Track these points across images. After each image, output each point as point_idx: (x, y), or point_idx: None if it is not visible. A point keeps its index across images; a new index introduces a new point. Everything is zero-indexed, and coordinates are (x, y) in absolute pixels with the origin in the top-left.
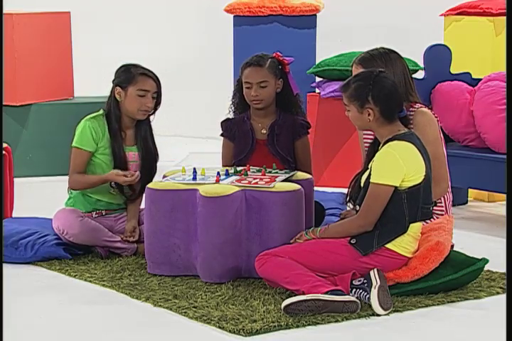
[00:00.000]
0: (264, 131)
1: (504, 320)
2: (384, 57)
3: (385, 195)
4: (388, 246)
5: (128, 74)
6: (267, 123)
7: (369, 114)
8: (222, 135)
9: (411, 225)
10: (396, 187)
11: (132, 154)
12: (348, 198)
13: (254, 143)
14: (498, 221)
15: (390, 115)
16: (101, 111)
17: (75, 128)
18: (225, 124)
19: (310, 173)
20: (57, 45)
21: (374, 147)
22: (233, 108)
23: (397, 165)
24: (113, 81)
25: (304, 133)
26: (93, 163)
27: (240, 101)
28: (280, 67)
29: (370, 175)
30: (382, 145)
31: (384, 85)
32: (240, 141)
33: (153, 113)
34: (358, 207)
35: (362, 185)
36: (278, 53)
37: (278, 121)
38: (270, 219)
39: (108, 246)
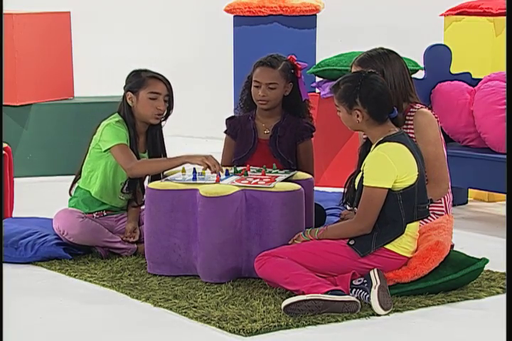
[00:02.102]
0: (266, 131)
1: (504, 320)
2: (383, 58)
3: (379, 198)
4: (387, 246)
5: (138, 79)
6: (271, 123)
7: (358, 115)
8: (225, 132)
9: (408, 225)
10: (390, 189)
11: None
12: (344, 200)
13: (256, 142)
14: (498, 221)
15: (379, 116)
16: (117, 117)
17: (95, 130)
18: (230, 122)
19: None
20: (57, 45)
21: (366, 148)
22: (241, 104)
23: (389, 167)
24: (124, 87)
25: (308, 137)
26: (110, 164)
27: (248, 98)
28: (293, 71)
29: (362, 177)
30: (374, 147)
31: (372, 87)
32: (241, 140)
33: (166, 118)
34: (355, 209)
35: (356, 187)
36: (293, 57)
37: (282, 122)
38: (270, 219)
39: (108, 246)
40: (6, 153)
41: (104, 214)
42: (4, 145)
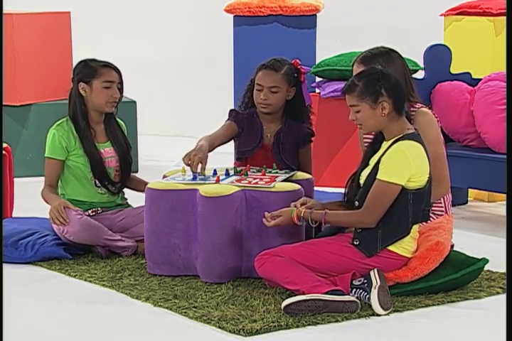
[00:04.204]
0: (269, 137)
1: (504, 320)
2: (385, 56)
3: (392, 194)
4: (388, 247)
5: (89, 69)
6: (273, 129)
7: (383, 108)
8: (232, 119)
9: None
10: (404, 188)
11: (108, 150)
12: (345, 198)
13: (261, 140)
14: (498, 221)
15: (400, 108)
16: (62, 119)
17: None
18: (235, 113)
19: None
20: (57, 45)
21: (374, 145)
22: (242, 107)
23: (408, 165)
24: (73, 78)
25: (309, 142)
26: (70, 167)
27: (249, 101)
28: (296, 75)
29: (372, 171)
30: (393, 143)
31: (392, 78)
32: (248, 134)
33: (116, 105)
34: (356, 203)
35: (363, 181)
36: (297, 61)
37: (284, 128)
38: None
39: (108, 244)
40: (6, 153)
41: (99, 211)
42: (4, 145)
